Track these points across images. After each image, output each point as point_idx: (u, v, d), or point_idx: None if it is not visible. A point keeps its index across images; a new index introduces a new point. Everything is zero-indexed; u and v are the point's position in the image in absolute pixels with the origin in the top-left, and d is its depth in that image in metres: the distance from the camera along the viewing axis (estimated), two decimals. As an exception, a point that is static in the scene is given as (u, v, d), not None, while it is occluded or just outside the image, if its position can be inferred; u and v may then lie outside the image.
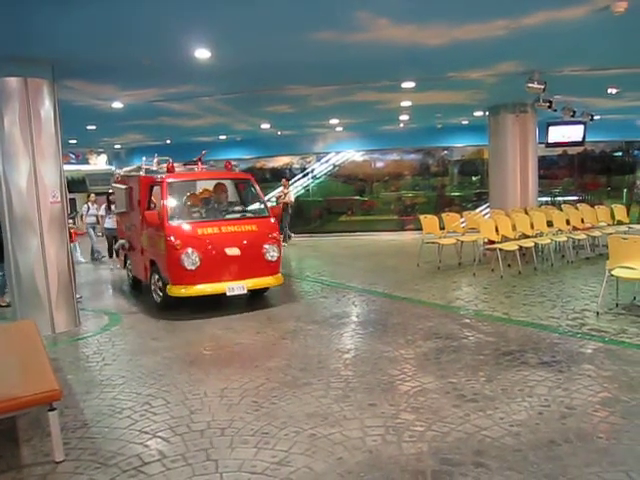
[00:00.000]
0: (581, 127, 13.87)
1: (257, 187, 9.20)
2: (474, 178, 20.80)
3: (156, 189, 8.63)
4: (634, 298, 7.53)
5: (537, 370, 5.11)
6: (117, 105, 10.84)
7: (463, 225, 12.32)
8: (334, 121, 15.76)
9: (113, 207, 12.51)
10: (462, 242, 11.36)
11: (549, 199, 18.18)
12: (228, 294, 7.80)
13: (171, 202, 8.23)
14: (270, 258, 8.22)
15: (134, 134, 16.77)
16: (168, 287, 7.81)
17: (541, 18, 6.54)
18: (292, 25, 6.39)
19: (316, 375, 5.23)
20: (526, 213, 11.78)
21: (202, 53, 7.26)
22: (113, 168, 22.56)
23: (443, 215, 12.12)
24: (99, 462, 3.72)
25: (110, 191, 13.28)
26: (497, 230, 10.50)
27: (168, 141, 18.73)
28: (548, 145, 14.34)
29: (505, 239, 10.50)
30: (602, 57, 8.68)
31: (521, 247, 10.39)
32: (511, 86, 9.93)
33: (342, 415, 4.32)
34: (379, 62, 8.31)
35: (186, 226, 8.04)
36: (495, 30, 6.96)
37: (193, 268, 7.63)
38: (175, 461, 3.69)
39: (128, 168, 11.59)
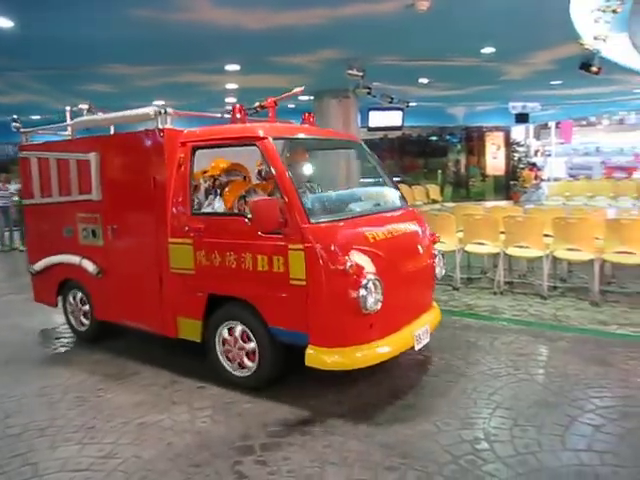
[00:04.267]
0: (399, 113, 14.91)
1: (375, 157, 5.61)
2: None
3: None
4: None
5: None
6: None
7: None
8: (159, 102, 15.19)
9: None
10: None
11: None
12: (417, 348, 4.42)
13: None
14: (438, 276, 5.08)
15: None
16: (312, 353, 3.96)
17: (358, 10, 6.93)
18: (106, -2, 6.07)
19: (145, 363, 5.12)
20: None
21: (3, 22, 6.61)
22: None
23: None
24: None
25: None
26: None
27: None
28: (370, 129, 15.26)
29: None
30: (413, 49, 9.43)
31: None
32: (333, 72, 10.34)
33: (171, 401, 4.30)
34: (201, 43, 8.22)
35: (345, 228, 4.22)
36: (315, 18, 7.23)
37: (376, 309, 3.95)
38: (-14, 471, 3.41)
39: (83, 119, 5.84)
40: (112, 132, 5.83)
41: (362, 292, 3.84)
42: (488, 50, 9.60)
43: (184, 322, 4.71)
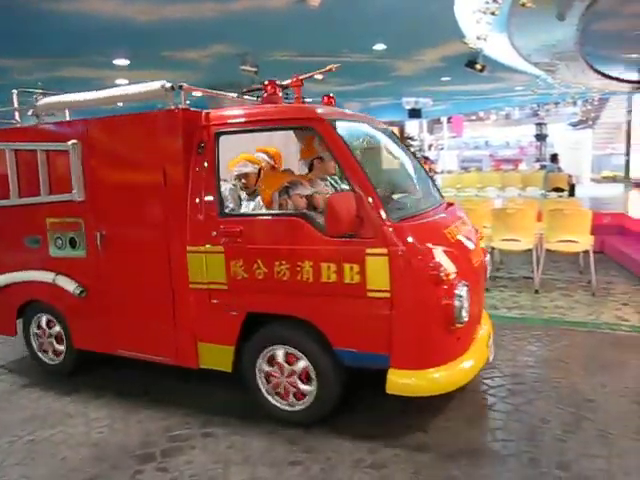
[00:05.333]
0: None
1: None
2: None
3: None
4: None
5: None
6: None
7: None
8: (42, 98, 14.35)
9: None
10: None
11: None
12: (491, 359, 3.92)
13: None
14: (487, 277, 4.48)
15: None
16: (396, 378, 3.28)
17: (249, 4, 6.89)
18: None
19: (37, 375, 4.81)
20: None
21: None
22: None
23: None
24: None
25: None
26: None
27: None
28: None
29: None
30: (306, 45, 9.49)
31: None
32: (227, 68, 10.20)
33: (65, 413, 4.07)
34: (84, 35, 7.82)
35: (427, 227, 3.60)
36: (205, 12, 7.10)
37: (465, 321, 3.37)
38: None
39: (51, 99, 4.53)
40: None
41: (457, 302, 3.24)
42: (379, 47, 9.88)
43: (208, 349, 3.83)
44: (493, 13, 7.86)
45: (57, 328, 4.60)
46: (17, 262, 4.62)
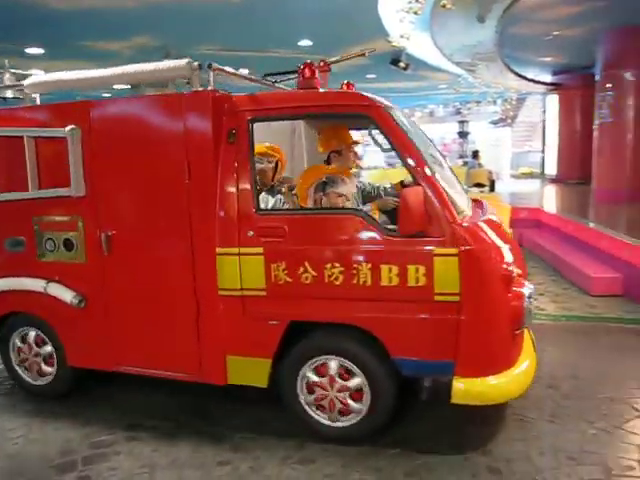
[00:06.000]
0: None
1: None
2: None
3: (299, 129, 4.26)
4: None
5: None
6: None
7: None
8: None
9: None
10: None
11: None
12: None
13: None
14: None
15: None
16: (463, 386, 3.03)
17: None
18: None
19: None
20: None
21: None
22: None
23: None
24: None
25: None
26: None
27: None
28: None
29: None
30: (231, 39, 9.39)
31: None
32: (149, 60, 9.88)
33: (-24, 424, 3.84)
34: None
35: (490, 224, 3.32)
36: (125, 2, 6.86)
37: (525, 325, 3.26)
38: None
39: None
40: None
41: (526, 303, 3.09)
42: (305, 43, 9.90)
43: (240, 362, 3.40)
44: (416, 13, 8.04)
45: (47, 346, 3.97)
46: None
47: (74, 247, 3.69)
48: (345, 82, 4.13)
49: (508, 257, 3.13)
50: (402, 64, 10.40)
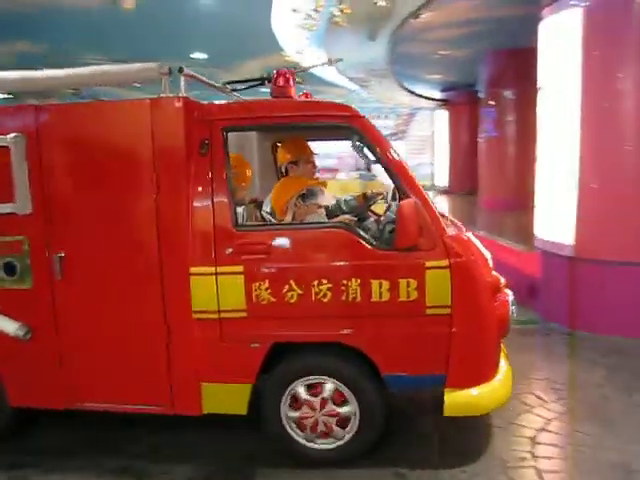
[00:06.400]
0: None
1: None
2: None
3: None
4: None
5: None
6: None
7: None
8: None
9: None
10: None
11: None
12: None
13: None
14: None
15: None
16: (455, 399, 2.99)
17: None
18: None
19: None
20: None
21: None
22: None
23: None
24: None
25: None
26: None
27: None
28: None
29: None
30: (120, 49, 8.98)
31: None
32: (32, 69, 9.34)
33: None
34: None
35: (471, 237, 3.28)
36: (4, 3, 6.37)
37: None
38: None
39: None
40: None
41: (512, 309, 3.18)
42: (199, 55, 9.71)
43: (216, 390, 3.13)
44: (310, 29, 8.13)
45: None
46: None
47: (16, 271, 3.19)
48: (304, 92, 3.93)
49: (492, 266, 3.20)
50: (299, 79, 10.48)
